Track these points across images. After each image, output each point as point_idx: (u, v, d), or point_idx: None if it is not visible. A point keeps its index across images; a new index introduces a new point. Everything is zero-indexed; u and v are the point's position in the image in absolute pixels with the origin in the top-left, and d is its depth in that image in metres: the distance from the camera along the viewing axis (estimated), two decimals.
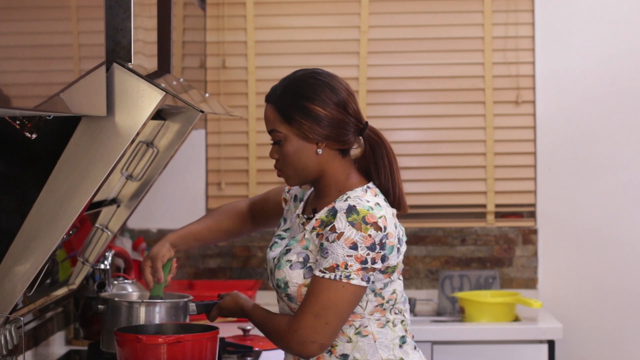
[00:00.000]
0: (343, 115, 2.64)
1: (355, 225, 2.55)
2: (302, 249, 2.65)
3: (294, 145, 2.65)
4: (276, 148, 2.68)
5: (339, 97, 2.65)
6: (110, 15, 2.65)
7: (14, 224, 2.64)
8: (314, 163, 2.66)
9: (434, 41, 4.88)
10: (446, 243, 4.85)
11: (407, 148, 4.88)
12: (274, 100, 2.67)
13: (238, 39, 4.89)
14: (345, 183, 2.68)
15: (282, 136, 2.65)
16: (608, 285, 4.79)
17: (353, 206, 2.58)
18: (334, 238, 2.56)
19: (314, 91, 2.64)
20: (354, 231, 2.55)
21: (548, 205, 4.83)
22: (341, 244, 2.55)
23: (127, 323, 3.07)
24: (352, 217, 2.56)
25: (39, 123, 2.57)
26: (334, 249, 2.56)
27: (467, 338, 4.35)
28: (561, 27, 4.83)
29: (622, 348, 4.79)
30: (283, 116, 2.64)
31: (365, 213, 2.57)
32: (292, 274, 2.64)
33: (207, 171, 4.91)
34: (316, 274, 2.58)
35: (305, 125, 2.63)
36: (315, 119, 2.62)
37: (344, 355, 2.66)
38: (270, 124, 2.67)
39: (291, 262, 2.65)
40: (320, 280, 2.57)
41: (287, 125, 2.64)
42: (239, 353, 3.54)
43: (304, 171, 2.67)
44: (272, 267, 2.70)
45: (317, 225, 2.63)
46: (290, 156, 2.65)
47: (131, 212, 3.49)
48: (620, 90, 4.80)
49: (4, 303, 2.70)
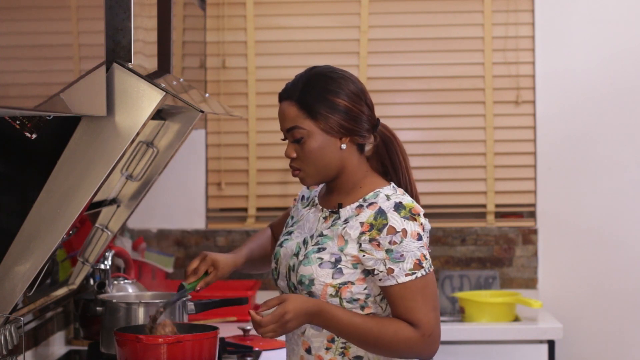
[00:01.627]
0: (362, 107, 2.65)
1: (410, 219, 2.58)
2: (337, 250, 2.61)
3: (319, 141, 2.62)
4: (294, 147, 2.64)
5: (358, 87, 2.65)
6: (110, 15, 2.65)
7: (14, 224, 2.64)
8: (337, 159, 2.64)
9: (434, 41, 4.88)
10: (446, 243, 4.85)
11: (407, 148, 4.79)
12: (294, 97, 2.63)
13: (238, 39, 4.89)
14: (364, 180, 2.68)
15: (304, 133, 2.61)
16: (608, 285, 4.79)
17: (399, 202, 2.60)
18: (400, 238, 2.56)
19: (336, 84, 2.63)
20: (411, 224, 2.57)
21: (548, 205, 4.83)
22: (409, 240, 2.56)
23: (126, 324, 3.08)
24: (403, 213, 2.58)
25: (39, 123, 2.57)
26: (406, 248, 2.56)
27: (467, 338, 4.35)
28: (561, 27, 4.83)
29: (622, 348, 4.79)
30: (307, 111, 2.61)
31: (411, 206, 2.60)
32: (321, 272, 2.60)
33: (207, 171, 4.91)
34: (404, 280, 2.56)
35: (332, 119, 2.61)
36: (339, 112, 2.61)
37: (358, 357, 2.64)
38: (291, 121, 2.63)
39: (322, 261, 2.61)
40: (414, 282, 2.57)
41: (312, 121, 2.61)
42: (239, 353, 3.54)
43: (325, 168, 2.64)
44: (295, 263, 2.65)
45: (367, 230, 2.58)
46: (314, 153, 2.62)
47: (131, 212, 3.49)
48: (620, 90, 4.80)
49: (4, 303, 2.70)
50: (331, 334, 2.63)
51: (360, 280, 2.60)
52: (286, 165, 4.83)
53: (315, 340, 2.66)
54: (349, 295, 2.60)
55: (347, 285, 2.60)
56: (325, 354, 2.65)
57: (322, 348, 2.65)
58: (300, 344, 2.68)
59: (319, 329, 2.64)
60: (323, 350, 2.65)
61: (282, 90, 2.68)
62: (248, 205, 4.90)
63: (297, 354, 2.70)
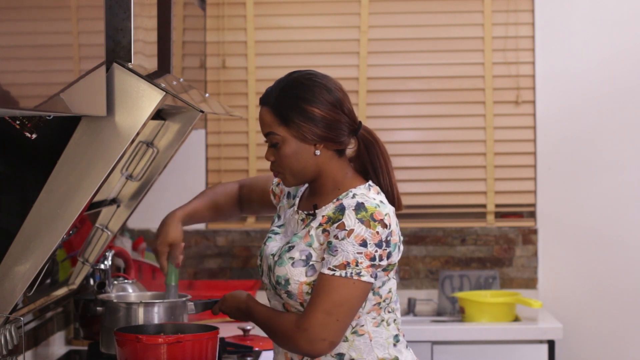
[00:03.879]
0: (339, 116, 2.65)
1: (364, 222, 2.56)
2: (305, 246, 2.64)
3: (292, 147, 2.65)
4: (272, 150, 2.68)
5: (334, 97, 2.65)
6: (110, 15, 2.65)
7: (14, 224, 2.64)
8: (312, 164, 2.66)
9: (434, 41, 4.88)
10: (446, 243, 4.85)
11: (407, 148, 4.88)
12: (270, 103, 2.68)
13: (238, 39, 4.89)
14: (344, 181, 2.69)
15: (279, 139, 2.65)
16: (608, 285, 4.78)
17: (361, 203, 2.58)
18: (343, 235, 2.56)
19: (312, 93, 2.65)
20: (363, 228, 2.56)
21: (548, 205, 4.83)
22: (351, 241, 2.56)
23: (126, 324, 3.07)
24: (361, 214, 2.57)
25: (39, 123, 2.57)
26: (343, 247, 2.56)
27: (467, 338, 4.35)
28: (561, 27, 4.83)
29: (622, 348, 4.79)
30: (281, 118, 2.65)
31: (373, 210, 2.58)
32: (294, 271, 2.63)
33: (207, 171, 4.91)
34: (325, 272, 2.57)
35: (304, 127, 2.63)
36: (313, 121, 2.63)
37: (340, 355, 2.66)
38: (267, 126, 2.68)
39: (293, 260, 2.64)
40: (331, 278, 2.57)
41: (285, 128, 2.64)
42: (239, 353, 3.54)
43: (301, 172, 2.67)
44: (272, 264, 2.69)
45: (324, 222, 2.62)
46: (288, 158, 2.66)
47: (131, 212, 3.49)
48: (620, 90, 4.80)
49: (4, 303, 2.70)
50: None
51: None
52: None
53: None
54: None
55: None
56: None
57: None
58: None
59: None
60: None
61: (263, 94, 2.73)
62: None
63: (281, 350, 2.73)
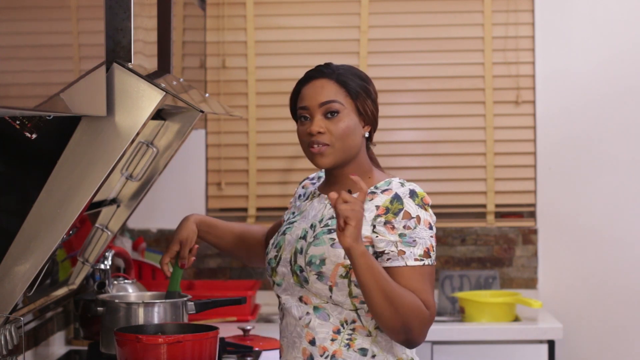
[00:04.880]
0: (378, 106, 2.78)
1: (423, 207, 2.64)
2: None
3: (352, 120, 2.70)
4: (325, 122, 2.68)
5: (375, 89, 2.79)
6: (110, 15, 2.65)
7: (14, 224, 2.64)
8: (358, 144, 2.72)
9: (434, 41, 4.88)
10: (446, 243, 4.85)
11: (407, 148, 4.88)
12: (333, 77, 2.71)
13: (238, 39, 4.89)
14: (371, 171, 2.75)
15: (342, 108, 2.68)
16: (608, 285, 4.79)
17: (413, 190, 2.65)
18: (414, 223, 2.61)
19: (368, 79, 2.77)
20: (424, 212, 2.63)
21: (548, 205, 4.83)
22: (423, 227, 2.62)
23: (126, 324, 3.07)
24: (417, 200, 2.64)
25: (39, 123, 2.57)
26: (419, 234, 2.61)
27: (467, 338, 4.35)
28: (561, 27, 4.83)
29: (622, 348, 4.79)
30: (347, 90, 2.70)
31: (423, 195, 2.66)
32: (333, 252, 2.62)
33: (207, 171, 4.91)
34: (413, 264, 2.60)
35: (367, 102, 2.72)
36: (372, 100, 2.74)
37: (363, 350, 2.66)
38: (331, 95, 2.69)
39: (334, 241, 2.63)
40: (423, 268, 2.61)
41: (351, 100, 2.70)
42: (239, 353, 3.54)
43: (349, 149, 2.69)
44: (303, 246, 2.67)
45: (383, 213, 2.62)
46: (345, 130, 2.68)
47: (131, 212, 3.49)
48: (620, 90, 4.80)
49: (4, 303, 2.70)
50: (337, 325, 2.65)
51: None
52: (286, 165, 4.83)
53: (321, 331, 2.67)
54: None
55: None
56: (330, 345, 2.66)
57: (328, 339, 2.66)
58: (304, 335, 2.69)
59: (325, 319, 2.66)
60: (328, 342, 2.66)
61: (313, 71, 2.74)
62: (248, 205, 4.90)
63: (298, 347, 2.70)
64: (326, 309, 2.67)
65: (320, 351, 2.66)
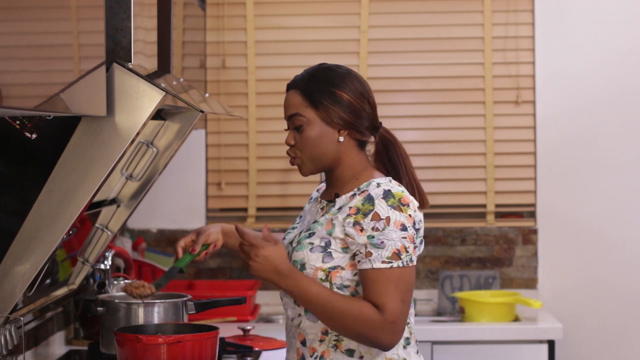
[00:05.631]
0: (364, 105, 2.72)
1: (397, 208, 2.61)
2: (325, 234, 2.65)
3: (317, 129, 2.69)
4: (294, 134, 2.70)
5: (362, 87, 2.73)
6: (110, 15, 2.65)
7: (14, 224, 2.64)
8: (333, 150, 2.70)
9: (434, 41, 4.88)
10: (446, 243, 4.85)
11: (407, 148, 4.80)
12: (299, 86, 2.71)
13: (238, 39, 4.89)
14: (363, 173, 2.73)
15: (305, 121, 2.68)
16: (608, 285, 4.78)
17: (388, 190, 2.63)
18: (383, 225, 2.59)
19: (341, 78, 2.71)
20: (397, 213, 2.60)
21: (548, 205, 4.83)
22: (392, 229, 2.59)
23: (126, 324, 3.07)
24: (390, 201, 2.61)
25: (39, 123, 2.57)
26: (388, 236, 2.59)
27: (467, 338, 4.35)
28: (561, 27, 4.83)
29: (622, 348, 4.79)
30: (310, 100, 2.69)
31: (400, 195, 2.63)
32: (312, 256, 2.64)
33: (207, 171, 4.91)
34: (380, 266, 2.58)
35: (332, 109, 2.68)
36: (340, 104, 2.69)
37: (350, 351, 2.66)
38: (294, 108, 2.70)
39: (313, 245, 2.65)
40: (390, 270, 2.58)
41: (313, 110, 2.69)
42: (239, 353, 3.54)
43: (321, 157, 2.70)
44: (290, 251, 2.70)
45: (354, 213, 2.62)
46: (311, 141, 2.68)
47: (131, 212, 3.49)
48: (620, 90, 4.80)
49: (4, 303, 2.70)
50: (324, 327, 2.66)
51: (350, 266, 2.64)
52: (286, 165, 4.83)
53: (310, 332, 2.68)
54: (339, 281, 2.64)
55: (337, 269, 2.64)
56: (319, 345, 2.68)
57: (316, 340, 2.68)
58: (297, 336, 2.72)
59: (314, 320, 2.67)
60: (317, 342, 2.68)
61: (290, 81, 2.77)
62: (248, 205, 4.90)
63: (294, 346, 2.74)
64: None
65: (310, 352, 2.69)
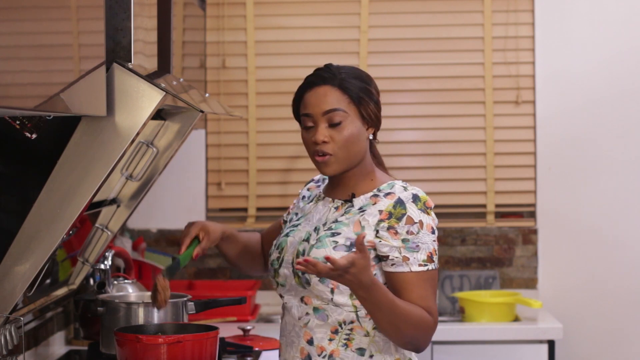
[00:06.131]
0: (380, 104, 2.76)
1: (425, 212, 2.65)
2: (353, 235, 2.64)
3: (357, 126, 2.69)
4: (329, 131, 2.67)
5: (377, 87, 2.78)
6: (110, 15, 2.65)
7: (14, 224, 2.64)
8: (364, 148, 2.72)
9: (434, 41, 4.88)
10: (446, 243, 4.85)
11: (407, 148, 4.88)
12: (335, 82, 2.69)
13: (238, 39, 4.89)
14: (374, 173, 2.75)
15: (345, 116, 2.67)
16: (608, 285, 4.78)
17: (415, 194, 2.66)
18: (417, 229, 2.63)
19: (368, 76, 2.75)
20: (426, 217, 2.65)
21: (548, 205, 4.83)
22: (425, 232, 2.63)
23: (126, 324, 3.07)
24: (419, 205, 2.65)
25: (39, 123, 2.57)
26: (422, 239, 2.63)
27: (467, 338, 4.35)
28: (561, 27, 4.83)
29: (622, 348, 4.79)
30: (350, 96, 2.68)
31: (425, 199, 2.67)
32: (335, 254, 2.61)
33: (207, 171, 4.91)
34: (417, 269, 2.62)
35: (370, 106, 2.70)
36: (375, 102, 2.72)
37: (360, 350, 2.67)
38: (333, 103, 2.67)
39: (337, 244, 2.64)
40: (426, 272, 2.63)
41: (354, 106, 2.69)
42: (239, 353, 3.54)
43: (355, 155, 2.69)
44: (306, 248, 2.68)
45: (386, 218, 2.63)
46: (349, 137, 2.67)
47: (131, 212, 3.49)
48: (620, 90, 4.80)
49: (4, 303, 2.70)
50: (335, 325, 2.66)
51: (371, 267, 2.62)
52: (286, 165, 4.83)
53: (319, 331, 2.68)
54: None
55: None
56: (328, 344, 2.67)
57: (325, 339, 2.67)
58: (302, 335, 2.70)
59: (324, 319, 2.67)
60: (326, 341, 2.68)
61: (313, 76, 2.72)
62: (248, 205, 4.90)
63: (296, 346, 2.71)
64: (326, 310, 2.67)
65: (318, 351, 2.68)
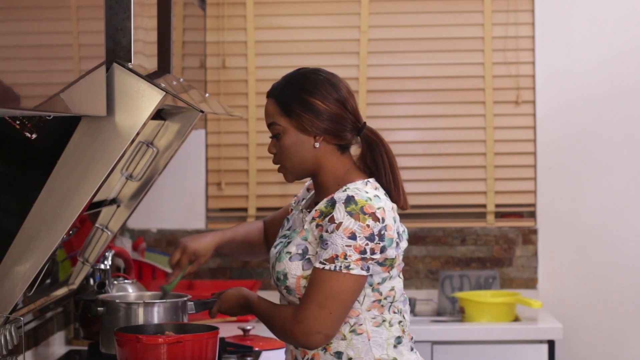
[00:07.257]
0: (342, 111, 2.70)
1: (354, 215, 2.59)
2: (301, 240, 2.67)
3: (292, 138, 2.70)
4: (274, 142, 2.74)
5: (339, 93, 2.71)
6: (110, 15, 2.65)
7: (14, 224, 2.64)
8: (311, 157, 2.71)
9: (434, 41, 4.88)
10: (446, 243, 4.85)
11: (407, 148, 4.88)
12: (274, 95, 2.74)
13: (238, 39, 4.89)
14: (344, 177, 2.72)
15: (280, 129, 2.71)
16: (608, 285, 4.79)
17: (352, 196, 2.61)
18: (332, 228, 2.59)
19: (315, 86, 2.71)
20: (352, 221, 2.59)
21: (548, 205, 4.83)
22: (340, 234, 2.59)
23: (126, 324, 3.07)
24: (350, 207, 2.60)
25: (39, 123, 2.57)
26: (333, 240, 2.59)
27: (467, 338, 4.35)
28: (561, 27, 4.83)
29: (622, 348, 4.79)
30: (283, 109, 2.70)
31: (363, 203, 2.60)
32: (291, 265, 2.66)
33: (207, 171, 4.91)
34: (317, 265, 2.61)
35: (305, 117, 2.68)
36: (314, 113, 2.68)
37: (338, 353, 2.68)
38: (270, 117, 2.73)
39: (290, 254, 2.67)
40: (321, 271, 2.60)
41: (287, 118, 2.70)
42: (239, 353, 3.54)
43: (301, 165, 2.72)
44: (274, 262, 2.73)
45: (317, 216, 2.66)
46: (288, 149, 2.71)
47: (131, 212, 3.49)
48: (620, 90, 4.80)
49: (4, 303, 2.70)
50: None
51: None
52: None
53: None
54: None
55: None
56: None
57: None
58: None
59: None
60: None
61: (270, 88, 2.79)
62: (248, 205, 4.90)
63: (289, 349, 2.78)
64: None
65: (302, 354, 2.72)
